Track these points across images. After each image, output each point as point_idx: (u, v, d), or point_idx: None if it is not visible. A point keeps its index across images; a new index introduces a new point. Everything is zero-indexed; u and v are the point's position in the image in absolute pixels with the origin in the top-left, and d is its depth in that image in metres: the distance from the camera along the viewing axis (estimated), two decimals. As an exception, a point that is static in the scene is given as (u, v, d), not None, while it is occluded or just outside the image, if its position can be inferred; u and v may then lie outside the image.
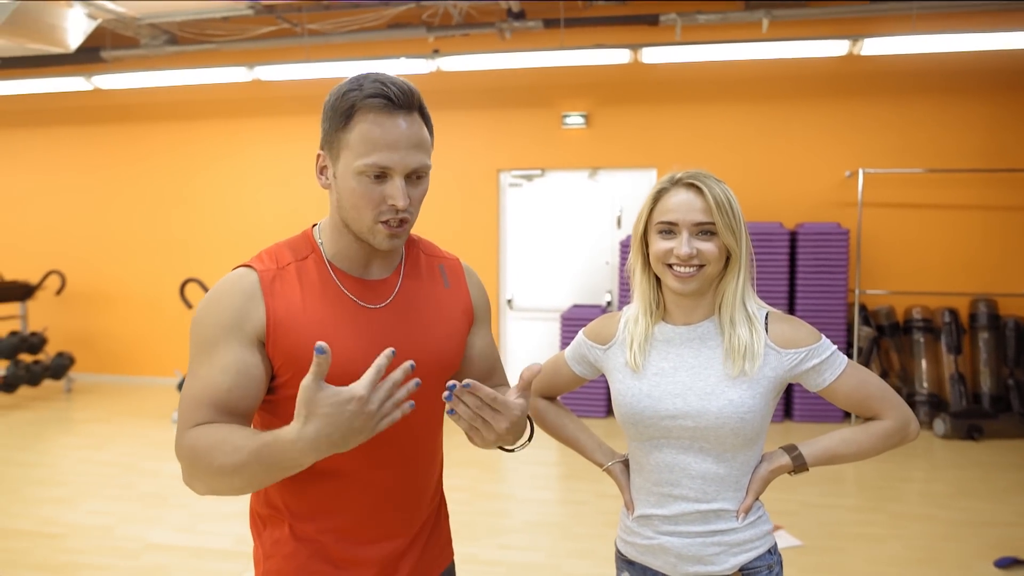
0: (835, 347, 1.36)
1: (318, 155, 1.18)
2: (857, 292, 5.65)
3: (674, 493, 1.36)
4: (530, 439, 1.31)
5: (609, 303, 6.31)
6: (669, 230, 1.33)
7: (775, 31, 5.67)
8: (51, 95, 6.91)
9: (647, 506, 1.41)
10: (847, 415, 5.63)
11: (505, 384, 1.41)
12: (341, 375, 1.10)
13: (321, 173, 1.17)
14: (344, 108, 1.11)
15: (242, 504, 3.98)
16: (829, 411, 5.56)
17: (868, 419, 1.40)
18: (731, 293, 1.35)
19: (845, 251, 5.51)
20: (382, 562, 1.23)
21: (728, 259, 1.35)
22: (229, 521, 3.78)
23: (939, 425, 5.30)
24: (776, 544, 1.40)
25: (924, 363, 5.67)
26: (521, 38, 6.13)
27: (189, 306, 5.85)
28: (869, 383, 1.36)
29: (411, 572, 1.27)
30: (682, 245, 1.30)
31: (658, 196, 1.35)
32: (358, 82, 1.11)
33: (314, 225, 1.25)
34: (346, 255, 1.20)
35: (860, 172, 5.68)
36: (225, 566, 3.28)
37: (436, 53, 5.69)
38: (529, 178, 6.50)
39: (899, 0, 5.38)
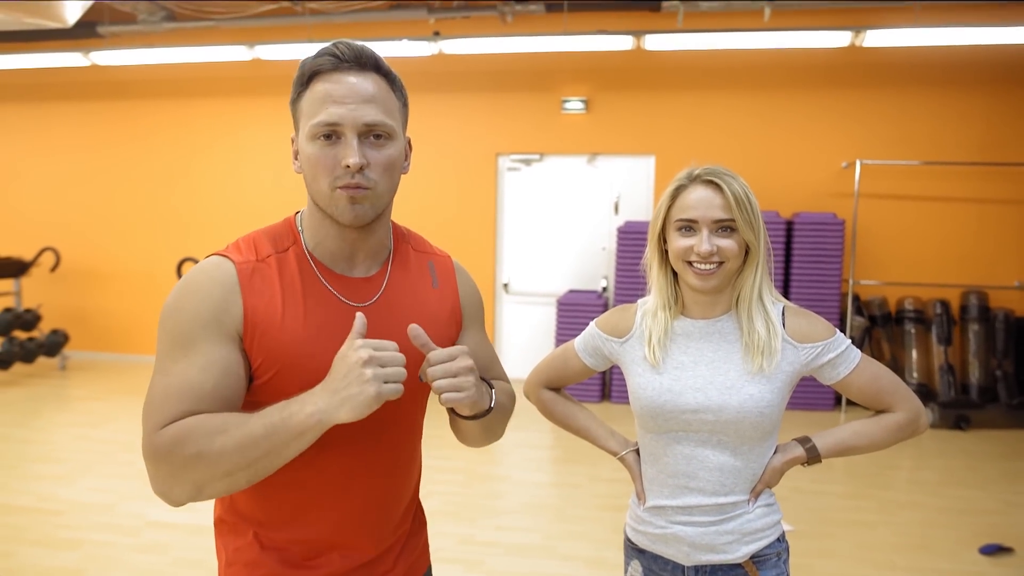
0: (849, 341, 1.37)
1: (291, 139, 1.12)
2: (851, 282, 5.70)
3: (690, 485, 1.37)
4: (492, 400, 1.16)
5: (605, 288, 6.35)
6: (689, 227, 1.32)
7: (776, 20, 5.67)
8: (47, 70, 6.83)
9: (661, 497, 1.41)
10: (837, 401, 5.70)
11: (505, 381, 1.34)
12: (322, 377, 1.03)
13: (295, 158, 1.12)
14: (298, 77, 1.08)
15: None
16: (822, 399, 5.63)
17: (880, 411, 1.41)
18: (749, 288, 1.35)
19: (840, 241, 5.55)
20: (354, 572, 1.18)
21: (747, 254, 1.35)
22: (228, 499, 3.81)
23: (928, 415, 5.38)
24: (784, 532, 1.43)
25: (914, 353, 5.74)
26: (522, 21, 6.11)
27: (186, 285, 5.85)
28: (882, 377, 1.38)
29: None
30: (702, 243, 1.30)
31: (676, 193, 1.35)
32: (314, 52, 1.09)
33: (297, 212, 1.18)
34: (327, 247, 1.12)
35: (857, 163, 5.72)
36: (225, 544, 3.32)
37: (437, 35, 5.67)
38: (528, 162, 6.50)
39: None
